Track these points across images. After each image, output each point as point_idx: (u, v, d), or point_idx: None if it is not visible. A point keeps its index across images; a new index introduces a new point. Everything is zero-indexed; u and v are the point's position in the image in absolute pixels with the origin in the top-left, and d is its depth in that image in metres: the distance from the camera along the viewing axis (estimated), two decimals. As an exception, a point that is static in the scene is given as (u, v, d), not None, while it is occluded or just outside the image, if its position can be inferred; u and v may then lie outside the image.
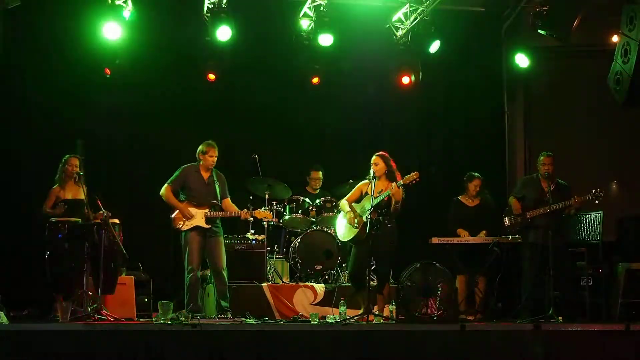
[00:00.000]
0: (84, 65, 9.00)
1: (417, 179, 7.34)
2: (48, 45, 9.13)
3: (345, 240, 7.79)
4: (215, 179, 7.91)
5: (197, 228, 7.74)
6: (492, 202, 8.69)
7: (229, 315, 7.63)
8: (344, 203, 7.72)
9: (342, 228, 7.71)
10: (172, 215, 7.81)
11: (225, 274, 7.79)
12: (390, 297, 7.67)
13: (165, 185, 7.86)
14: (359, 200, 7.70)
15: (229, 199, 8.01)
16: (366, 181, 7.71)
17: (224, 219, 7.98)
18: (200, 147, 7.89)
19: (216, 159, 7.88)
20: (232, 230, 8.69)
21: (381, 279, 7.58)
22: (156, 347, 6.06)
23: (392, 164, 7.56)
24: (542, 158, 8.13)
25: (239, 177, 8.97)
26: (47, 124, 9.11)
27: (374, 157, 7.58)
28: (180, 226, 7.75)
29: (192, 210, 7.76)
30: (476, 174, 8.71)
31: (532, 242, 7.93)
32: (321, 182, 9.40)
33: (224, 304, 7.73)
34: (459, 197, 8.76)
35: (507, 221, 8.12)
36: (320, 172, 9.40)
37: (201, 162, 7.88)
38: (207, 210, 7.77)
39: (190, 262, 7.72)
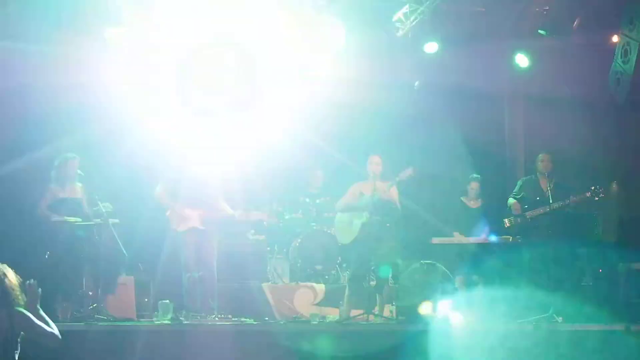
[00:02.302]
0: (84, 64, 8.99)
1: (412, 175, 7.35)
2: (48, 44, 9.11)
3: (347, 243, 7.81)
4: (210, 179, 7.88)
5: (192, 229, 7.67)
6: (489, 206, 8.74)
7: (220, 316, 7.60)
8: (340, 204, 7.75)
9: (343, 230, 7.73)
10: (168, 216, 7.77)
11: (214, 275, 7.68)
12: (390, 297, 7.68)
13: (159, 185, 7.80)
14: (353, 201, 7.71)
15: (221, 199, 7.97)
16: (361, 182, 7.71)
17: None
18: None
19: None
20: (232, 230, 8.68)
21: (380, 279, 7.58)
22: (156, 347, 6.07)
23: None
24: (540, 156, 8.17)
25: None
26: (47, 123, 9.09)
27: (374, 157, 7.59)
28: (176, 227, 7.70)
29: (187, 211, 7.65)
30: (474, 176, 8.75)
31: (532, 242, 7.92)
32: (321, 181, 9.41)
33: (212, 303, 7.67)
34: (461, 198, 8.81)
35: (507, 222, 8.12)
36: (320, 172, 9.42)
37: None
38: (202, 211, 7.72)
39: (188, 263, 7.67)
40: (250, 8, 8.35)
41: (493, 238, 8.26)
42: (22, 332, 4.20)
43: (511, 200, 8.23)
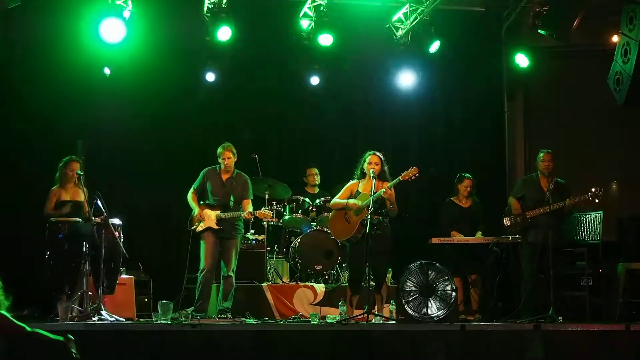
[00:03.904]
0: (84, 65, 9.00)
1: (417, 174, 7.31)
2: (48, 45, 9.12)
3: (342, 239, 7.77)
4: (235, 181, 7.93)
5: (209, 229, 7.80)
6: (479, 203, 8.72)
7: (229, 315, 7.64)
8: (337, 201, 7.68)
9: (338, 227, 7.69)
10: (190, 217, 7.91)
11: (232, 276, 7.80)
12: (390, 297, 7.67)
13: (191, 190, 7.97)
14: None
15: (247, 200, 7.98)
16: (355, 181, 7.67)
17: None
18: (217, 150, 7.95)
19: (231, 160, 7.91)
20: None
21: (379, 279, 7.57)
22: (156, 347, 6.06)
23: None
24: (541, 155, 8.14)
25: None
26: (47, 124, 9.10)
27: (373, 156, 7.54)
28: (195, 227, 7.83)
29: (207, 212, 7.82)
30: (466, 175, 8.71)
31: (531, 241, 7.91)
32: (319, 178, 9.39)
33: (225, 304, 7.73)
34: (451, 198, 8.77)
35: (506, 221, 8.10)
36: (315, 169, 9.41)
37: (221, 166, 7.94)
38: (218, 212, 7.82)
39: (203, 261, 7.78)
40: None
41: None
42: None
43: (511, 199, 8.22)
